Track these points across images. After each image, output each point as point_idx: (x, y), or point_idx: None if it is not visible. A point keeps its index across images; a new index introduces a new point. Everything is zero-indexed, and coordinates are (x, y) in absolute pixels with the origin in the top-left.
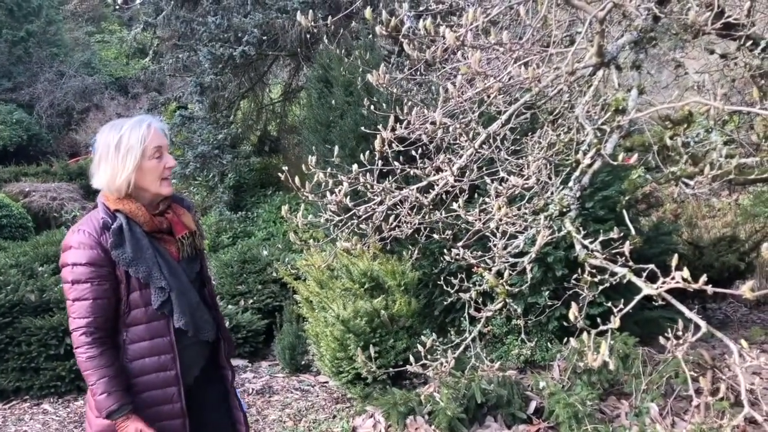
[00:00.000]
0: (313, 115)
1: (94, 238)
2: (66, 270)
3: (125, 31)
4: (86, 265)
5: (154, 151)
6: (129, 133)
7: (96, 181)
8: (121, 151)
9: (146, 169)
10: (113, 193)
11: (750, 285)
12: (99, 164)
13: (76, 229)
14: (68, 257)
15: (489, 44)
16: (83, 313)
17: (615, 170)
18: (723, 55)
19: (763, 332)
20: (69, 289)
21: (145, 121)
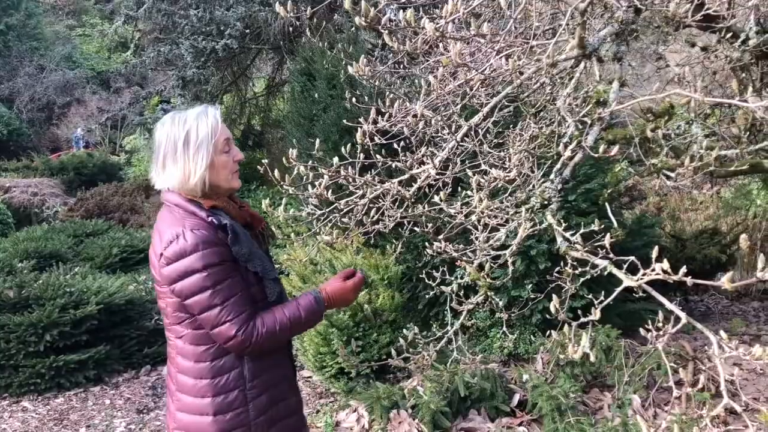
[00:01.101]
0: (296, 109)
1: (214, 236)
2: (199, 277)
3: (106, 25)
4: (221, 264)
5: (224, 144)
6: (197, 127)
7: (162, 181)
8: (191, 148)
9: (219, 164)
10: (188, 194)
11: (729, 276)
12: (164, 163)
13: (180, 233)
14: (195, 262)
15: (469, 36)
16: (239, 308)
17: (598, 163)
18: (704, 48)
19: (743, 323)
20: (212, 294)
21: (209, 111)
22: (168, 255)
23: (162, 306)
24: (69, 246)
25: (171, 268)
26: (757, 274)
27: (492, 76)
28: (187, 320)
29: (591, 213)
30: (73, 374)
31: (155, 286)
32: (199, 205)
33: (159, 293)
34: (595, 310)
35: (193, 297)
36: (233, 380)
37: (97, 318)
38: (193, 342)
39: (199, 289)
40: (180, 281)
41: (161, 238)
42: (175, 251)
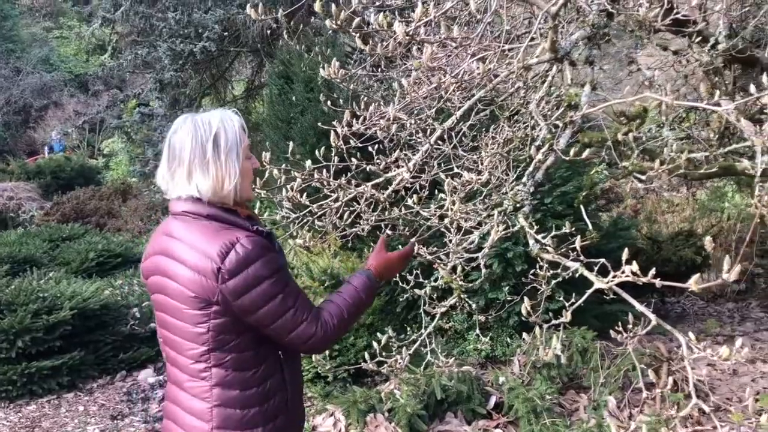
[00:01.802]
0: (274, 112)
1: (266, 242)
2: (269, 284)
3: (84, 27)
4: (283, 267)
5: (247, 150)
6: (224, 129)
7: (187, 189)
8: (222, 152)
9: (245, 172)
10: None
11: (696, 278)
12: (189, 169)
13: (235, 242)
14: (262, 269)
15: (438, 39)
16: (309, 306)
17: (574, 166)
18: (675, 52)
19: (718, 324)
20: (284, 299)
21: (232, 115)
22: (230, 267)
23: (192, 333)
24: (44, 251)
25: (237, 281)
26: (723, 275)
27: (465, 80)
28: (233, 342)
29: (567, 215)
30: (46, 381)
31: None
32: (237, 215)
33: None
34: (566, 312)
35: (264, 307)
36: (279, 402)
37: (71, 323)
38: (238, 367)
39: (271, 296)
40: (248, 293)
41: (205, 252)
42: (238, 261)
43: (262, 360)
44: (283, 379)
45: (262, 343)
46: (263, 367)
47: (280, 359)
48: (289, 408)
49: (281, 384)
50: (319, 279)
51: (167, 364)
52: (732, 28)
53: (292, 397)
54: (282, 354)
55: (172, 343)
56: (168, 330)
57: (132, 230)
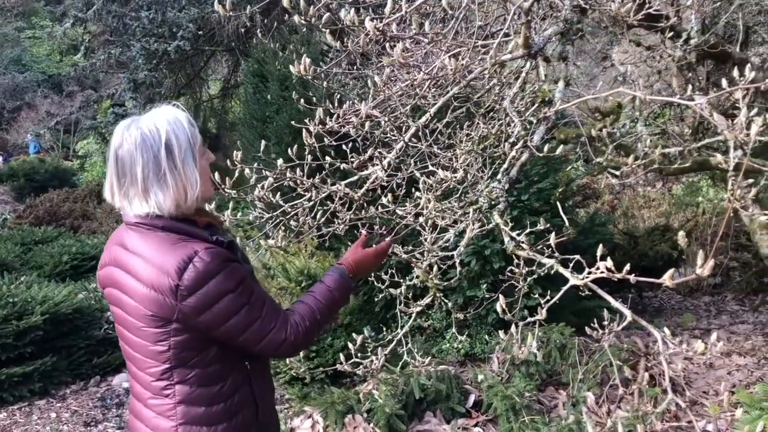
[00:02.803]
0: (249, 111)
1: (227, 253)
2: (233, 296)
3: (57, 27)
4: (246, 277)
5: (202, 147)
6: (175, 132)
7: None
8: (177, 158)
9: (202, 172)
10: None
11: (670, 273)
12: (144, 185)
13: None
14: (224, 283)
15: (410, 35)
16: (276, 312)
17: (550, 163)
18: (648, 47)
19: (694, 318)
20: (250, 309)
21: (177, 112)
22: (188, 284)
23: (152, 351)
24: (16, 254)
25: (197, 297)
26: (697, 270)
27: (440, 77)
28: (197, 357)
29: (544, 212)
30: (17, 387)
31: (134, 330)
32: (194, 224)
33: (148, 336)
34: (541, 309)
35: (229, 321)
36: (248, 416)
37: (43, 328)
38: (203, 383)
39: (235, 310)
40: (210, 309)
41: (161, 267)
42: (197, 277)
43: (227, 374)
44: (251, 392)
45: (227, 356)
46: (230, 382)
47: (248, 371)
48: (260, 421)
49: (249, 397)
50: (295, 279)
51: (130, 377)
52: (704, 24)
53: (263, 410)
54: (249, 365)
55: (132, 359)
56: (128, 345)
57: (107, 232)
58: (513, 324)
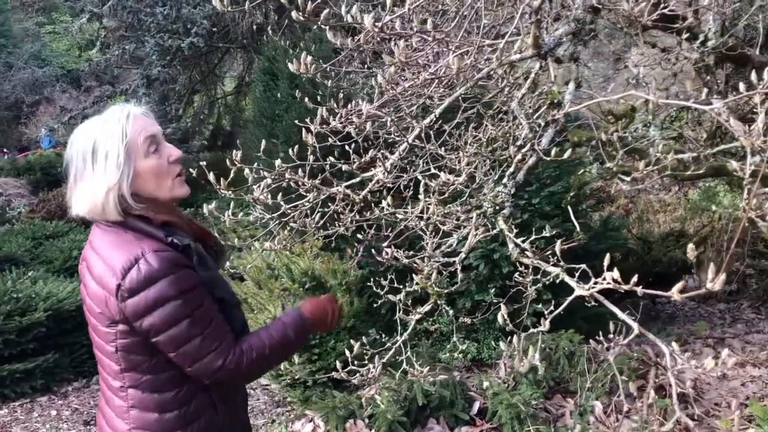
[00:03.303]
0: (259, 109)
1: (179, 257)
2: (174, 305)
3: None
4: (196, 288)
5: (147, 144)
6: (103, 133)
7: (77, 207)
8: (98, 159)
9: (146, 170)
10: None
11: (679, 287)
12: (75, 184)
13: (140, 256)
14: (168, 289)
15: (410, 33)
16: (222, 335)
17: (562, 166)
18: (664, 49)
19: (708, 326)
20: (191, 324)
21: (121, 110)
22: (129, 286)
23: (107, 351)
24: (26, 249)
25: (136, 301)
26: (707, 284)
27: (444, 77)
28: (147, 363)
29: (555, 216)
30: (19, 384)
31: (94, 328)
32: (151, 223)
33: (102, 335)
34: (545, 321)
35: (167, 331)
36: (205, 425)
37: (46, 325)
38: (155, 389)
39: (175, 320)
40: (149, 315)
41: (110, 266)
42: (138, 279)
43: (182, 381)
44: (210, 400)
45: (175, 366)
46: (185, 389)
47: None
48: (221, 427)
49: (208, 405)
50: (299, 281)
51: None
52: (724, 26)
53: (224, 419)
54: None
55: (97, 356)
56: (93, 341)
57: None
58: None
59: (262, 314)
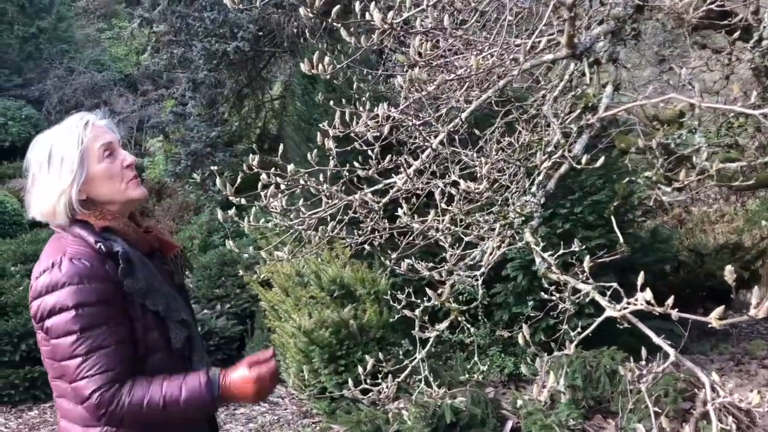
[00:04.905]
0: (297, 113)
1: (99, 268)
2: (66, 316)
3: (128, 27)
4: (98, 304)
5: (102, 150)
6: (60, 139)
7: (31, 210)
8: (53, 164)
9: (99, 175)
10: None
11: (719, 312)
12: (32, 187)
13: (58, 261)
14: (65, 298)
15: (425, 30)
16: (105, 365)
17: (607, 174)
18: (715, 50)
19: (765, 345)
20: (77, 340)
21: (80, 119)
22: (37, 287)
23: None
24: None
25: (37, 303)
26: (750, 311)
27: (466, 78)
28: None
29: (599, 226)
30: (49, 386)
31: None
32: (90, 228)
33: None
34: (569, 344)
35: (56, 339)
36: None
37: None
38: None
39: (64, 331)
40: (47, 319)
41: (36, 269)
42: (45, 283)
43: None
44: None
45: None
46: None
47: None
48: None
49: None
50: (327, 289)
51: None
52: None
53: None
54: None
55: None
56: None
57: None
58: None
59: (288, 323)
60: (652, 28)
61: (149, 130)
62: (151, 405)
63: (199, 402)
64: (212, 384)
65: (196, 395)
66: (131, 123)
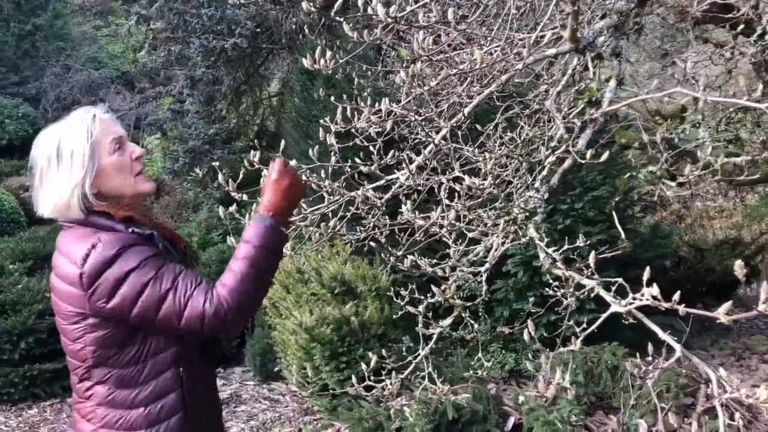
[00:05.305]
0: (296, 109)
1: (136, 237)
2: (137, 275)
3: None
4: (154, 256)
5: (112, 144)
6: (68, 133)
7: (41, 207)
8: (64, 160)
9: (110, 168)
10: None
11: (726, 307)
12: (41, 184)
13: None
14: (126, 263)
15: (429, 24)
16: (193, 281)
17: (608, 169)
18: (717, 44)
19: (765, 340)
20: (158, 281)
21: (86, 112)
22: (90, 270)
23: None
24: None
25: (99, 283)
26: (760, 307)
27: (468, 73)
28: (115, 356)
29: (599, 222)
30: (49, 384)
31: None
32: (112, 218)
33: (70, 334)
34: (575, 340)
35: (139, 299)
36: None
37: None
38: (122, 385)
39: (143, 284)
40: (116, 292)
41: (72, 260)
42: (97, 262)
43: (151, 377)
44: (181, 401)
45: (151, 356)
46: (153, 386)
47: (180, 377)
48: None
49: (178, 406)
50: (328, 286)
51: None
52: None
53: (194, 421)
54: (183, 370)
55: (69, 364)
56: (65, 351)
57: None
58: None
59: (288, 320)
60: (650, 23)
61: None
62: (246, 272)
63: (272, 235)
64: (260, 216)
65: (263, 232)
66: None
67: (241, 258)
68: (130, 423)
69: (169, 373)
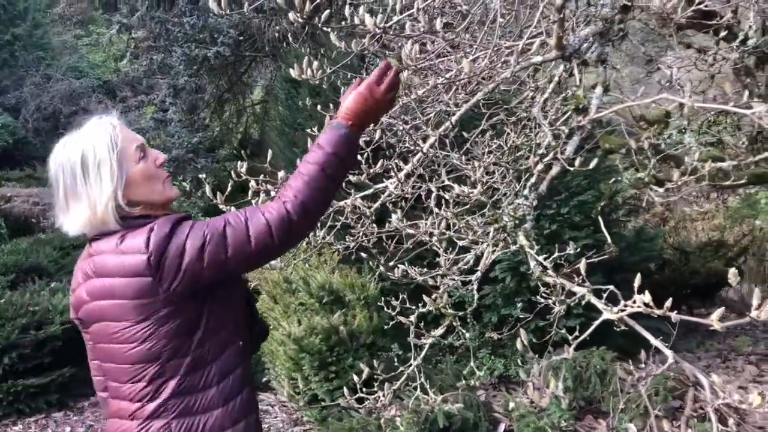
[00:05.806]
0: (281, 117)
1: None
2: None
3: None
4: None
5: (137, 151)
6: (92, 144)
7: (69, 224)
8: (91, 171)
9: (138, 177)
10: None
11: (718, 314)
12: (66, 200)
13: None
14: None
15: (416, 34)
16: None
17: (593, 174)
18: (700, 50)
19: (751, 342)
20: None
21: (105, 121)
22: (156, 248)
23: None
24: (53, 259)
25: (166, 257)
26: (752, 313)
27: (459, 82)
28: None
29: (585, 227)
30: (34, 399)
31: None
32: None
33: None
34: (568, 348)
35: (204, 253)
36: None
37: (62, 338)
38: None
39: (201, 239)
40: (185, 253)
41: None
42: (159, 239)
43: (217, 355)
44: (245, 373)
45: (214, 335)
46: (220, 364)
47: (241, 350)
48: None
49: (243, 379)
50: (316, 295)
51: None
52: (765, 24)
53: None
54: (242, 343)
55: (114, 374)
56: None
57: None
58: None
59: (277, 331)
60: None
61: None
62: (315, 175)
63: (343, 142)
64: (336, 124)
65: (335, 139)
66: None
67: (312, 162)
68: (207, 404)
69: (232, 348)
